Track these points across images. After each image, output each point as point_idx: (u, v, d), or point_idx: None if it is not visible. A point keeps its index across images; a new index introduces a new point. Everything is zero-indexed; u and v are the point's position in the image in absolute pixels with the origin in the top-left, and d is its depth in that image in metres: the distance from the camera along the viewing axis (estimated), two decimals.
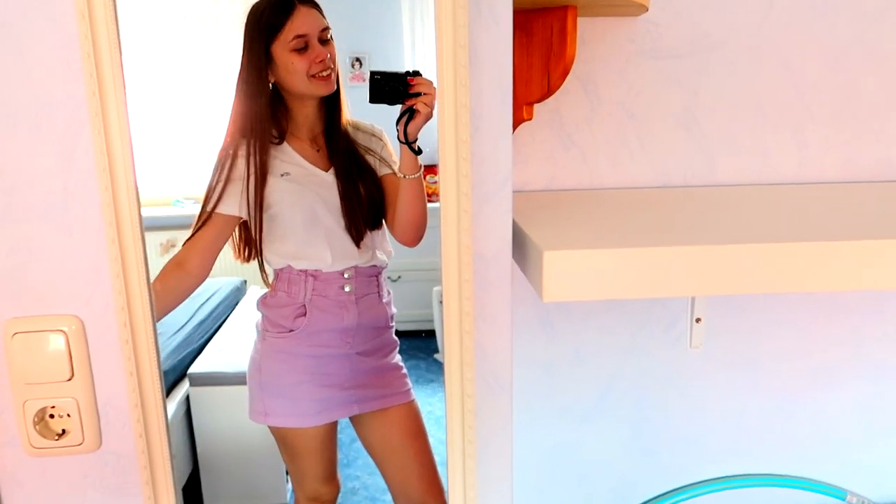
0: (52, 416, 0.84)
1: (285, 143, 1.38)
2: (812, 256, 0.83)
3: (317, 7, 1.33)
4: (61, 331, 0.82)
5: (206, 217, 1.34)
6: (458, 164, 0.79)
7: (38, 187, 0.79)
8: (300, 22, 1.30)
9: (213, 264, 1.37)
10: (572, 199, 1.20)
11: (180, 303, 1.34)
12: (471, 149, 0.79)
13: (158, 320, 1.11)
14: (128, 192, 0.77)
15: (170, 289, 1.31)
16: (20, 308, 0.81)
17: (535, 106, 1.15)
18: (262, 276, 1.46)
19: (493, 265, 0.84)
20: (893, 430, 1.44)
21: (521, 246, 0.88)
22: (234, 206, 1.35)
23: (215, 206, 1.33)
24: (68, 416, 0.84)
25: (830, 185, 1.29)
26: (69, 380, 0.83)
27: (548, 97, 1.11)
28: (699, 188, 1.28)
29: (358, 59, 1.98)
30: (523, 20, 1.06)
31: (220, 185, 1.33)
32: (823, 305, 1.36)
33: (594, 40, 1.20)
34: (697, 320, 1.29)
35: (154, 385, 0.82)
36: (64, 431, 0.84)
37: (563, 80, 1.08)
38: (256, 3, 1.34)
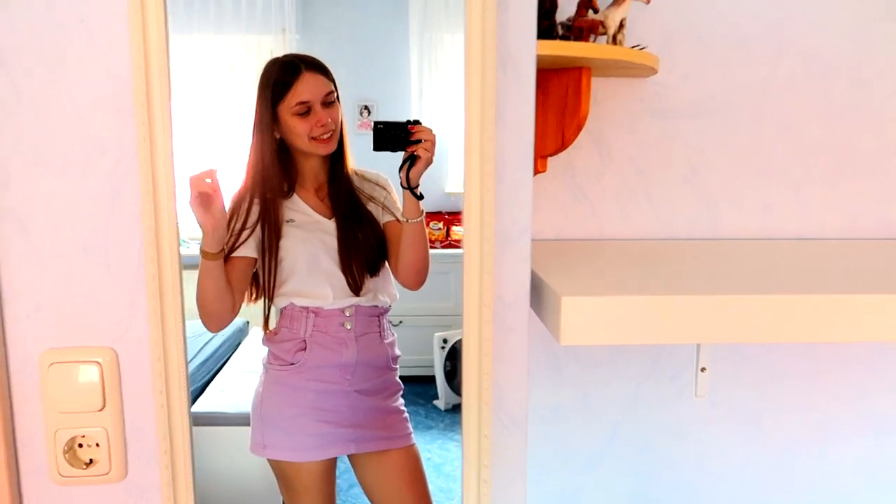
0: (80, 445, 0.86)
1: (294, 194, 1.44)
2: (813, 308, 0.87)
3: (323, 72, 1.40)
4: (96, 362, 0.85)
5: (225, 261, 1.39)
6: (482, 211, 0.83)
7: (82, 225, 0.83)
8: (303, 88, 1.37)
9: (241, 303, 1.42)
10: (582, 248, 1.24)
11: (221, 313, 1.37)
12: (494, 197, 0.84)
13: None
14: (170, 232, 0.81)
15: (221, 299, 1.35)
16: (58, 338, 0.85)
17: (549, 159, 1.21)
18: (264, 317, 1.50)
19: (512, 309, 0.88)
20: (893, 485, 1.45)
21: (537, 291, 0.92)
22: (250, 249, 1.40)
23: (233, 250, 1.38)
24: (97, 445, 0.86)
25: (831, 241, 1.34)
26: (100, 410, 0.85)
27: (561, 151, 1.17)
28: (703, 241, 1.32)
29: (366, 107, 2.04)
30: (540, 78, 1.12)
31: (237, 230, 1.38)
32: (826, 359, 1.40)
33: (606, 99, 1.26)
34: (703, 370, 1.33)
35: (183, 418, 0.85)
36: (91, 461, 0.87)
37: (577, 135, 1.14)
38: (268, 64, 1.41)
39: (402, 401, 1.58)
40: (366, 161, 1.55)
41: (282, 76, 1.37)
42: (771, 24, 1.30)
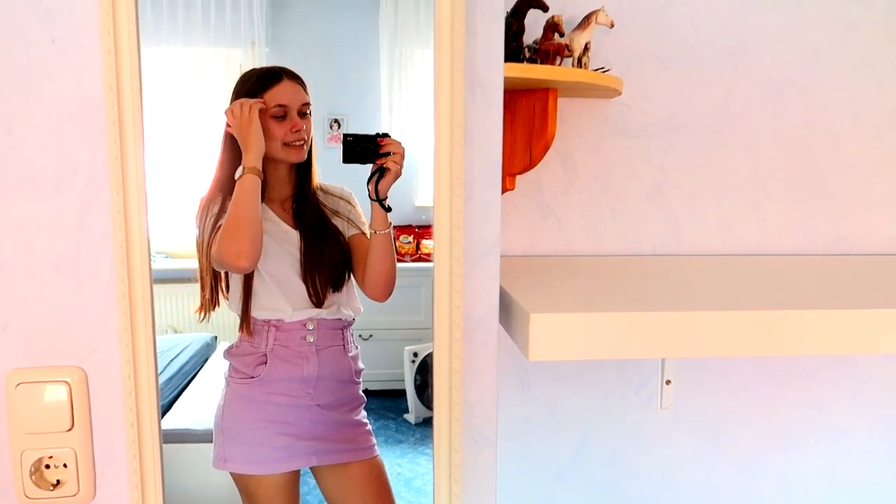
0: (48, 466, 0.86)
1: (262, 203, 1.44)
2: (773, 324, 0.90)
3: (302, 84, 1.43)
4: (64, 382, 0.84)
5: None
6: (451, 231, 0.85)
7: (53, 243, 0.83)
8: (283, 92, 1.39)
9: None
10: (550, 264, 1.27)
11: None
12: (463, 217, 0.86)
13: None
14: (141, 250, 0.82)
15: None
16: (26, 358, 0.84)
17: (518, 177, 1.23)
18: (244, 326, 1.49)
19: (481, 326, 0.90)
20: (851, 490, 1.50)
21: (506, 308, 0.94)
22: None
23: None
24: (65, 466, 0.85)
25: (787, 257, 1.39)
26: (69, 430, 0.85)
27: (529, 169, 1.20)
28: (667, 257, 1.36)
29: (336, 121, 2.04)
30: (508, 99, 1.15)
31: (211, 229, 1.37)
32: (785, 371, 1.44)
33: (572, 119, 1.30)
34: (667, 382, 1.36)
35: (153, 438, 0.85)
36: (59, 482, 0.86)
37: (544, 154, 1.17)
38: (246, 72, 1.43)
39: (364, 413, 1.58)
40: (335, 173, 1.57)
41: (264, 80, 1.39)
42: (728, 49, 1.35)
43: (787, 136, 1.38)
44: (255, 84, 1.39)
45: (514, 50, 1.14)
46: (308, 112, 1.43)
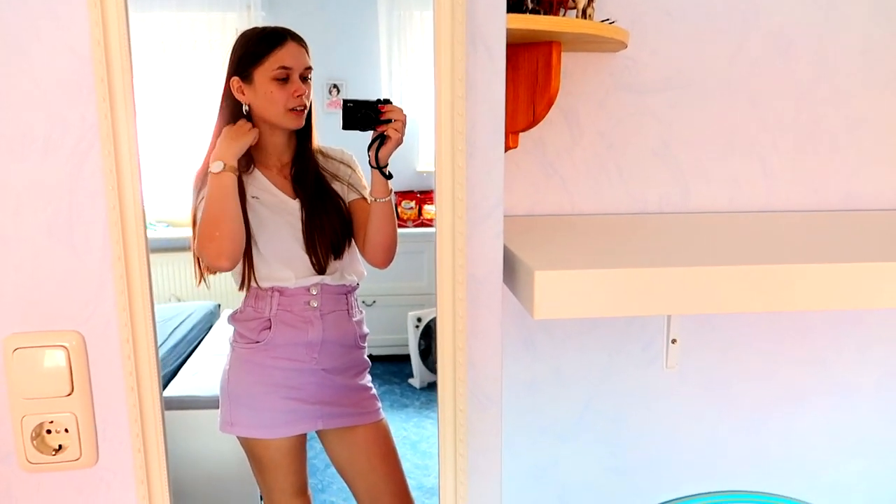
0: (49, 431, 0.85)
1: (255, 170, 1.42)
2: (780, 278, 0.88)
3: (306, 48, 1.39)
4: (62, 346, 0.83)
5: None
6: (453, 188, 0.83)
7: (45, 206, 0.81)
8: (287, 54, 1.35)
9: None
10: (554, 224, 1.25)
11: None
12: (466, 174, 0.83)
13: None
14: (135, 210, 0.80)
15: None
16: (22, 323, 0.83)
17: (521, 135, 1.20)
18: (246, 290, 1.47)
19: (485, 285, 0.88)
20: (856, 448, 1.50)
21: (510, 267, 0.92)
22: None
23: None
24: (66, 431, 0.85)
25: (796, 213, 1.36)
26: (69, 395, 0.84)
27: (532, 127, 1.17)
28: (674, 215, 1.34)
29: (335, 86, 2.01)
30: (511, 54, 1.12)
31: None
32: (790, 328, 1.43)
33: (576, 74, 1.26)
34: (673, 341, 1.35)
35: (154, 400, 0.84)
36: (61, 447, 0.85)
37: (548, 111, 1.14)
38: (247, 30, 1.39)
39: (369, 378, 1.58)
40: (335, 139, 1.54)
41: (266, 40, 1.35)
42: (737, 1, 1.30)
43: (796, 90, 1.34)
44: (257, 45, 1.35)
45: (516, 1, 1.10)
46: (310, 77, 1.40)
